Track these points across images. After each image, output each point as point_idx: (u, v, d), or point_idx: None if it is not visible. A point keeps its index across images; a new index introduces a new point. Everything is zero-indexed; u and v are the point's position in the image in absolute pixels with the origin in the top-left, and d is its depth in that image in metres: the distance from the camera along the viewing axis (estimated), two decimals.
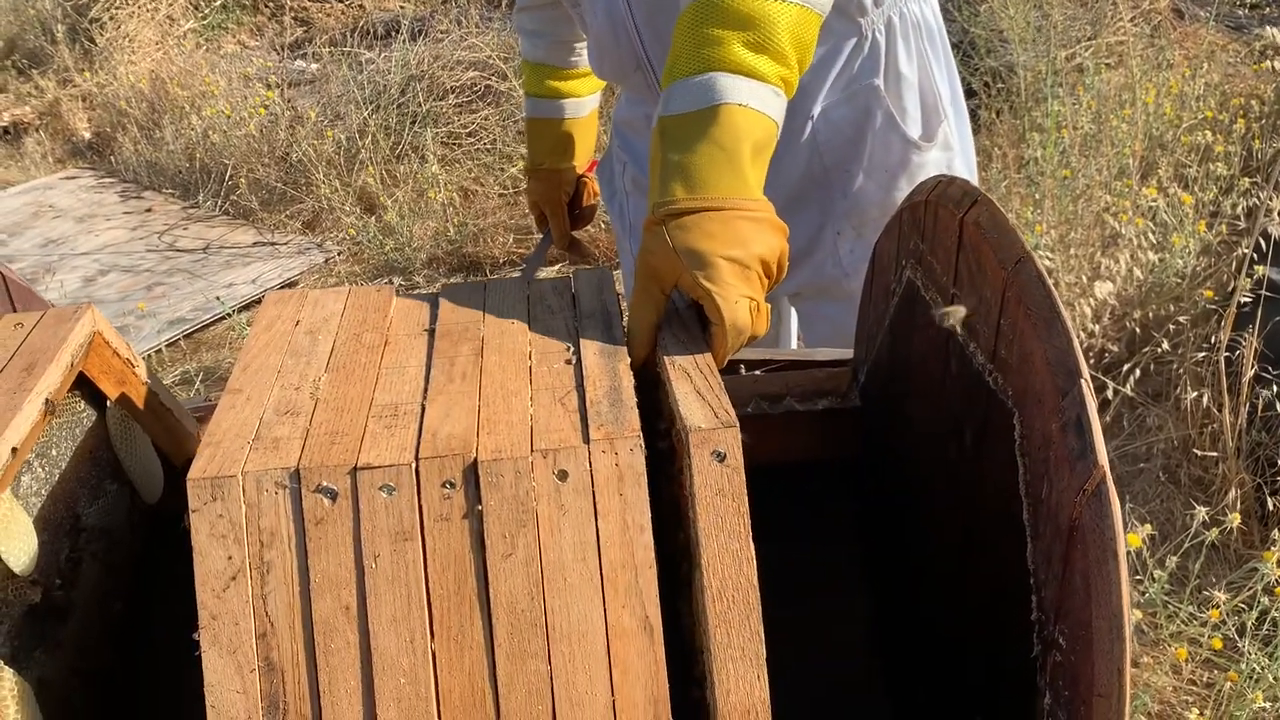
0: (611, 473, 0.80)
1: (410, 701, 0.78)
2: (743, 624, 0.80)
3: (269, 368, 0.92)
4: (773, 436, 1.20)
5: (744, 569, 0.80)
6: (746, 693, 0.79)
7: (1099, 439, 0.72)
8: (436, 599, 0.78)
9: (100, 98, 5.11)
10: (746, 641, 0.79)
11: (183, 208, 4.33)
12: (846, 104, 1.46)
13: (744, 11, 1.01)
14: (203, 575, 0.78)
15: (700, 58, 1.01)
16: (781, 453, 1.19)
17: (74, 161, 4.94)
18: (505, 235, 3.79)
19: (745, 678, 0.79)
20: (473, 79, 4.28)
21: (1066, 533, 0.76)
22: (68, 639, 0.96)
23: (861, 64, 1.43)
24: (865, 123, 1.45)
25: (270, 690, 0.78)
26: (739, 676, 0.79)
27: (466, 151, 4.15)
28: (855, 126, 1.46)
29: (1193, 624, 2.00)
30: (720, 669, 0.79)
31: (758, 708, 0.79)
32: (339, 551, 0.78)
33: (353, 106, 4.31)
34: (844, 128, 1.46)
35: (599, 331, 0.96)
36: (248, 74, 4.83)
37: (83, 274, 3.85)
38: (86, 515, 1.01)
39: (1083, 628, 0.74)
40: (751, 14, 1.01)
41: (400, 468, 0.79)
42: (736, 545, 0.79)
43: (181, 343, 3.43)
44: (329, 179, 4.07)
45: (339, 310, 1.01)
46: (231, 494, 0.78)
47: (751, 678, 0.79)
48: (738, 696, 0.79)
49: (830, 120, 1.46)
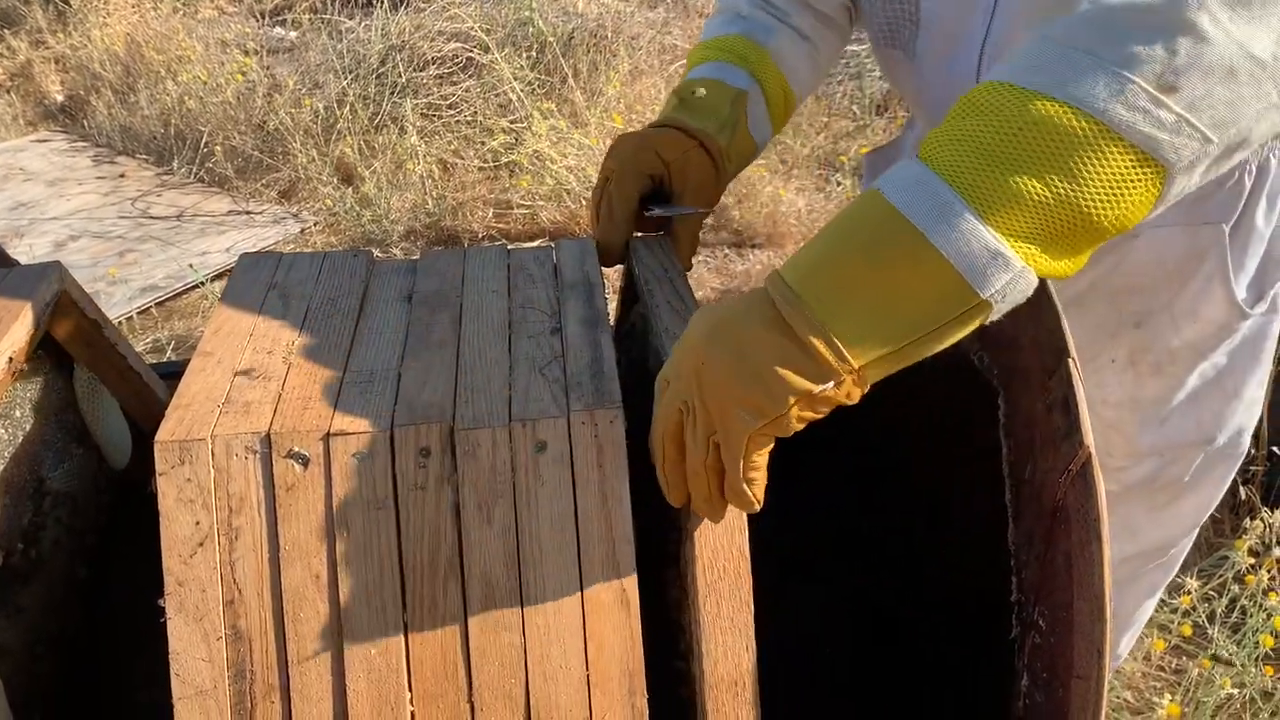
0: (591, 444, 0.79)
1: (381, 672, 0.77)
2: (733, 594, 0.79)
3: (241, 331, 0.90)
4: None
5: (735, 539, 0.79)
6: (734, 664, 0.78)
7: (1086, 419, 0.71)
8: (409, 569, 0.77)
9: (73, 60, 5.02)
10: (735, 612, 0.78)
11: (156, 174, 4.26)
12: (1179, 235, 1.15)
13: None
14: (169, 540, 0.76)
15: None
16: None
17: (46, 124, 4.85)
18: (484, 209, 3.75)
19: (734, 649, 0.78)
20: (454, 50, 4.23)
21: (1050, 513, 0.75)
22: (30, 604, 0.94)
23: (1217, 201, 1.13)
24: (1191, 266, 1.16)
25: (237, 658, 0.76)
26: (727, 647, 0.78)
27: (446, 124, 4.10)
28: (1177, 264, 1.17)
29: (1163, 610, 2.01)
30: (708, 640, 0.78)
31: (745, 679, 0.78)
32: (310, 519, 0.77)
33: (331, 75, 4.25)
34: (1164, 259, 1.16)
35: (581, 302, 0.94)
36: (225, 40, 4.76)
37: (53, 239, 3.79)
38: (51, 479, 0.99)
39: (1063, 609, 0.74)
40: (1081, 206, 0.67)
41: (375, 434, 0.77)
42: (727, 517, 0.77)
43: (153, 310, 3.38)
44: (306, 148, 4.02)
45: (314, 274, 0.98)
46: (200, 458, 0.76)
47: (740, 649, 0.78)
48: (725, 668, 0.78)
49: (1150, 242, 1.16)
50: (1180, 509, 1.33)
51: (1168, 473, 1.28)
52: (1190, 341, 1.20)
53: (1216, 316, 1.18)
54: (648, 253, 1.06)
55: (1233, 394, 1.25)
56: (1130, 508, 1.32)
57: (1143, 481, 1.29)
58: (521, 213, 3.70)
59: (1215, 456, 1.29)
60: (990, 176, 0.66)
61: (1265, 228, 1.17)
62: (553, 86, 4.11)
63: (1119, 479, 1.29)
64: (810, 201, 3.72)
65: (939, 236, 0.66)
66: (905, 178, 0.69)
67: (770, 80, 1.21)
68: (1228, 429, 1.26)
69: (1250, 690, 1.88)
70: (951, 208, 0.66)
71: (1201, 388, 1.23)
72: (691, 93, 1.18)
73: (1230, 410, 1.25)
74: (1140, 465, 1.27)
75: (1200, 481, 1.30)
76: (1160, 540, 1.37)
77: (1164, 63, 0.65)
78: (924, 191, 0.68)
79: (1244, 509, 2.15)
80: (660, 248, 1.08)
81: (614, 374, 0.84)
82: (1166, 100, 0.65)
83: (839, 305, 0.68)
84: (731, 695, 0.78)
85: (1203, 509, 1.35)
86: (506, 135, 3.96)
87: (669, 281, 0.98)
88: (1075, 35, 0.68)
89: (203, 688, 0.76)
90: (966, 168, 0.67)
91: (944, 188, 0.67)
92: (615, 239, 1.10)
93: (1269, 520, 1.93)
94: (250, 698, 0.76)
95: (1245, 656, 1.87)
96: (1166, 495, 1.31)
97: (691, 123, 1.14)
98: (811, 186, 3.85)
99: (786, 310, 0.70)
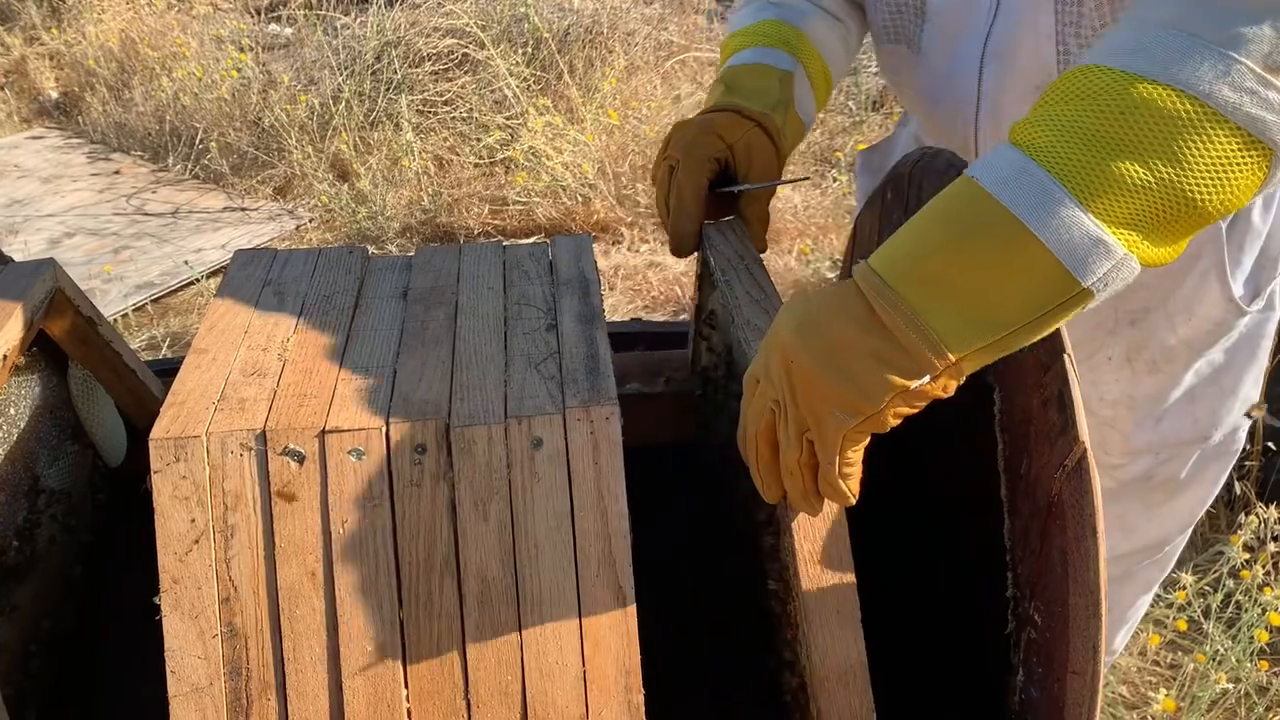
0: (587, 441, 0.79)
1: (376, 670, 0.77)
2: (836, 585, 0.78)
3: (236, 327, 0.90)
4: None
5: (834, 530, 0.78)
6: (844, 654, 0.78)
7: (1081, 414, 0.71)
8: (405, 566, 0.77)
9: (68, 56, 5.01)
10: (842, 603, 0.78)
11: (152, 170, 4.25)
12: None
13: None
14: (164, 538, 0.76)
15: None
16: None
17: (40, 121, 4.84)
18: (480, 206, 3.75)
19: (842, 639, 0.78)
20: (450, 46, 4.23)
21: (1045, 509, 0.75)
22: (25, 602, 0.94)
23: None
24: (1188, 263, 1.16)
25: (233, 656, 0.76)
26: (836, 638, 0.78)
27: (442, 120, 4.10)
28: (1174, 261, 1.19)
29: (1159, 605, 2.01)
30: (815, 632, 0.78)
31: (855, 669, 0.78)
32: (305, 516, 0.76)
33: (327, 72, 4.24)
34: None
35: (577, 298, 0.94)
36: (220, 36, 4.75)
37: (48, 235, 3.78)
38: (46, 476, 0.99)
39: (1059, 604, 0.74)
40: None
41: (370, 431, 0.77)
42: (828, 509, 0.77)
43: (149, 307, 3.38)
44: (301, 145, 4.01)
45: (309, 271, 0.98)
46: (195, 455, 0.76)
47: (849, 639, 0.78)
48: (834, 659, 0.78)
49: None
50: (1176, 506, 1.33)
51: (1164, 470, 1.29)
52: (1187, 339, 1.20)
53: (1213, 314, 1.18)
54: (722, 239, 1.05)
55: (1229, 391, 1.25)
56: (1126, 505, 1.32)
57: (1139, 479, 1.29)
58: (517, 209, 3.70)
59: (1211, 454, 1.29)
60: (1091, 162, 0.65)
61: (1262, 225, 1.17)
62: (548, 83, 4.11)
63: (1115, 476, 1.29)
64: (806, 197, 3.72)
65: (1039, 225, 0.65)
66: (1001, 165, 0.68)
67: (811, 61, 1.21)
68: (1224, 426, 1.27)
69: (1245, 685, 1.89)
70: (1052, 195, 0.65)
71: (1198, 385, 1.23)
72: (738, 78, 1.17)
73: (1226, 408, 1.26)
74: (1136, 462, 1.27)
75: (1196, 479, 1.30)
76: (1156, 537, 1.37)
77: (1272, 42, 0.63)
78: (1023, 179, 0.66)
79: (1239, 504, 2.15)
80: (734, 232, 1.06)
81: (609, 370, 0.84)
82: (1275, 81, 0.63)
83: (935, 298, 0.67)
84: (843, 686, 0.78)
85: (1198, 506, 1.35)
86: (502, 131, 3.95)
87: (746, 270, 0.97)
88: (1176, 16, 0.66)
89: (198, 685, 0.75)
90: (1066, 154, 0.65)
91: (1043, 175, 0.65)
92: (689, 227, 1.08)
93: (1264, 515, 1.93)
94: (246, 695, 0.76)
95: (1240, 651, 1.88)
96: (1162, 493, 1.31)
97: (746, 105, 1.12)
98: (807, 182, 3.85)
99: (879, 304, 0.68)
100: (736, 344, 0.91)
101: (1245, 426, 1.30)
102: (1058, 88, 0.69)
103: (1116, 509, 1.32)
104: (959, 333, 0.67)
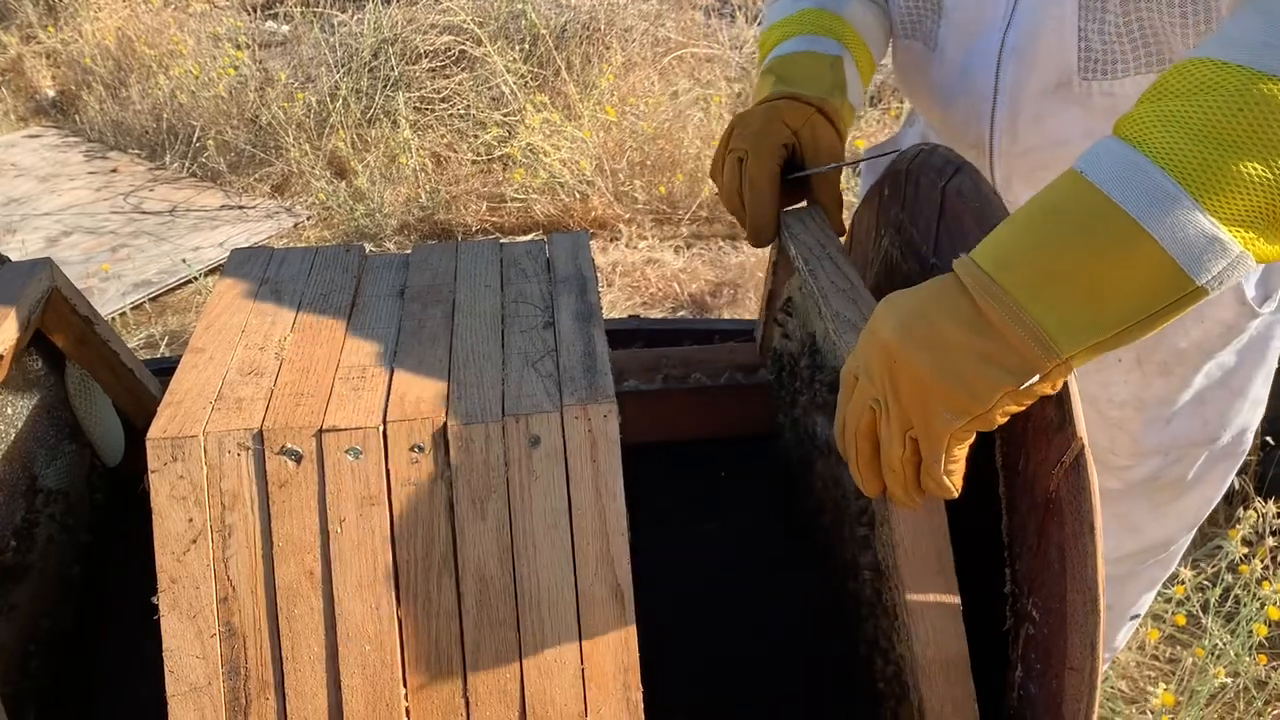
0: (584, 439, 0.79)
1: (375, 669, 0.77)
2: (937, 576, 0.78)
3: (233, 326, 0.90)
4: (750, 407, 1.18)
5: (934, 521, 0.78)
6: (945, 646, 0.78)
7: (1078, 411, 0.71)
8: (403, 565, 0.77)
9: (65, 55, 5.00)
10: (942, 593, 0.78)
11: (149, 169, 4.25)
12: None
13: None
14: (162, 538, 0.76)
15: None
16: (758, 423, 1.18)
17: (37, 120, 4.84)
18: (478, 203, 3.75)
19: (944, 631, 0.78)
20: (447, 43, 4.22)
21: (1043, 505, 0.75)
22: (23, 602, 0.94)
23: None
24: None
25: (231, 655, 0.76)
26: (937, 630, 0.78)
27: (439, 117, 4.09)
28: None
29: (1158, 600, 2.01)
30: (917, 623, 0.78)
31: (956, 660, 0.78)
32: (303, 515, 0.76)
33: (324, 69, 4.24)
34: None
35: (574, 296, 0.94)
36: (217, 33, 4.74)
37: (45, 234, 3.77)
38: (44, 476, 0.98)
39: (1057, 601, 0.74)
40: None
41: (367, 430, 0.77)
42: (926, 501, 0.77)
43: (147, 306, 3.37)
44: (299, 142, 4.01)
45: (306, 270, 0.98)
46: (192, 455, 0.76)
47: (950, 632, 0.78)
48: (936, 649, 0.78)
49: None
50: (1182, 506, 1.33)
51: (1171, 471, 1.29)
52: (1198, 341, 1.19)
53: (1225, 316, 1.18)
54: (801, 227, 1.04)
55: (1239, 393, 1.25)
56: (1132, 505, 1.32)
57: (1146, 480, 1.28)
58: (515, 206, 3.69)
59: (1219, 455, 1.28)
60: (1209, 159, 0.63)
61: None
62: (546, 79, 4.10)
63: (1122, 477, 1.29)
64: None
65: (1154, 222, 0.63)
66: (1112, 161, 0.66)
67: (856, 47, 1.21)
68: (1232, 428, 1.26)
69: (1244, 679, 1.89)
70: (1166, 191, 0.64)
71: (1208, 388, 1.23)
72: (788, 67, 1.16)
73: (1235, 409, 1.25)
74: (1144, 464, 1.27)
75: (1203, 479, 1.30)
76: (1161, 537, 1.37)
77: None
78: (1136, 176, 0.65)
79: (1238, 499, 2.15)
80: (812, 220, 1.06)
81: (607, 368, 0.84)
82: None
83: (1044, 296, 0.66)
84: (944, 676, 0.78)
85: (1204, 506, 1.35)
86: (499, 128, 3.95)
87: (829, 259, 0.97)
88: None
89: (197, 684, 0.75)
90: (1182, 150, 0.64)
91: (1157, 171, 0.64)
92: (768, 215, 1.06)
93: (1262, 510, 1.93)
94: (245, 694, 0.76)
95: (1239, 646, 1.88)
96: (1169, 493, 1.31)
97: (803, 91, 1.11)
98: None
99: (985, 301, 0.67)
100: (823, 334, 0.91)
101: (1254, 427, 1.29)
102: (1170, 83, 0.67)
103: (1122, 508, 1.32)
104: (1069, 332, 0.66)
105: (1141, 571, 1.43)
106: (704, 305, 3.28)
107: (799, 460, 1.07)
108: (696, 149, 3.72)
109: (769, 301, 1.09)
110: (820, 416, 0.98)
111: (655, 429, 1.16)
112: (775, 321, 1.09)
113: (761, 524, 1.17)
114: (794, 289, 1.04)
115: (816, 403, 0.98)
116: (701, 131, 3.79)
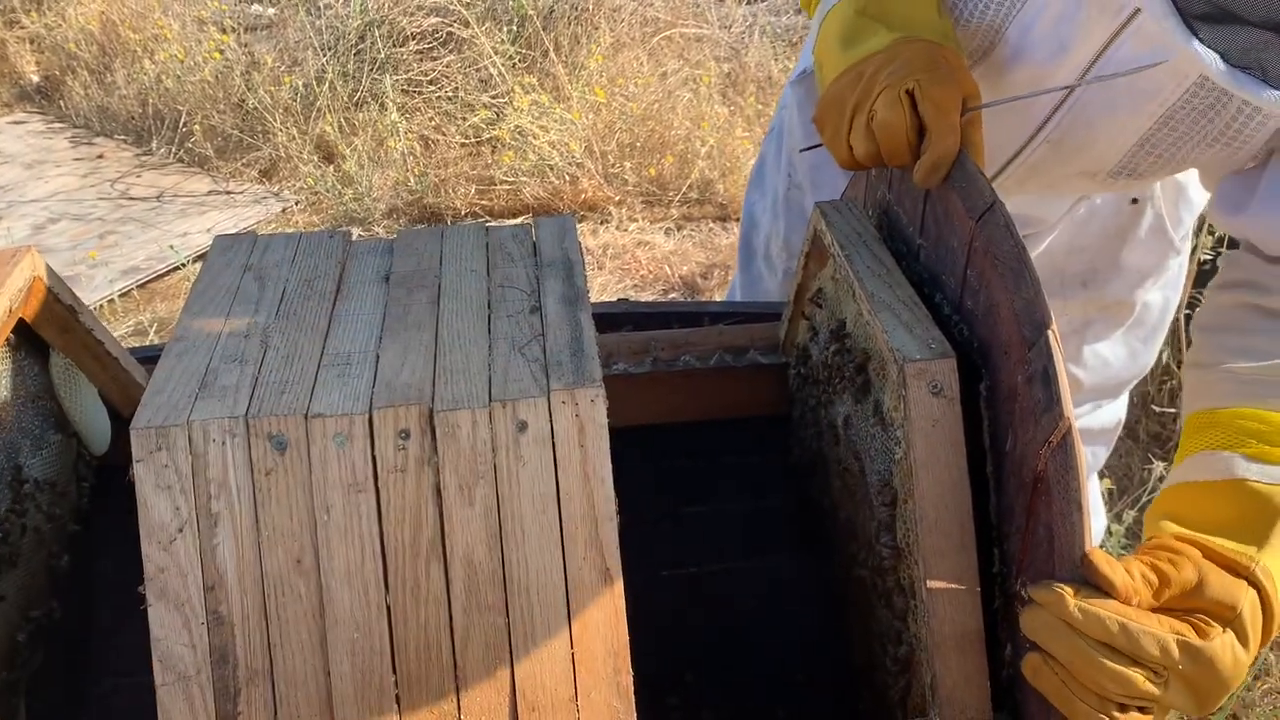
0: (572, 424, 0.78)
1: (364, 655, 0.76)
2: (958, 554, 0.79)
3: (216, 314, 0.89)
4: (739, 389, 1.18)
5: (959, 498, 0.79)
6: (963, 621, 0.78)
7: (1065, 391, 0.71)
8: (391, 551, 0.77)
9: (48, 40, 4.96)
10: (962, 571, 0.78)
11: (135, 155, 4.22)
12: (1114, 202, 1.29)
13: None
14: (148, 527, 0.75)
15: None
16: (747, 405, 1.18)
17: (21, 106, 4.80)
18: (467, 186, 3.73)
19: (962, 606, 0.78)
20: (434, 25, 4.19)
21: (1030, 485, 0.75)
22: (12, 592, 0.94)
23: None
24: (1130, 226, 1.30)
25: (220, 643, 0.76)
26: (954, 606, 0.78)
27: (427, 100, 4.07)
28: (1118, 228, 1.30)
29: None
30: (933, 599, 0.78)
31: (972, 636, 0.78)
32: (290, 503, 0.76)
33: (310, 52, 4.20)
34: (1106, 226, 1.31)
35: (560, 280, 0.94)
36: (202, 17, 4.70)
37: (32, 221, 3.75)
38: (30, 466, 0.98)
39: (1045, 579, 0.74)
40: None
41: (353, 417, 0.76)
42: (951, 476, 0.78)
43: (135, 293, 3.36)
44: (286, 127, 3.98)
45: (290, 256, 0.98)
46: (177, 443, 0.75)
47: (966, 608, 0.78)
48: (952, 626, 0.78)
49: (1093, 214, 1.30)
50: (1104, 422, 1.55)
51: (1104, 410, 1.47)
52: (1131, 286, 1.33)
53: (1153, 262, 1.32)
54: (838, 216, 1.03)
55: (1160, 325, 1.42)
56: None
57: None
58: (504, 189, 3.68)
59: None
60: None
61: (1186, 177, 1.27)
62: (534, 61, 4.08)
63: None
64: None
65: None
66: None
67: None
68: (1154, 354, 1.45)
69: None
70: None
71: (1138, 325, 1.39)
72: (894, 12, 1.03)
73: (1159, 339, 1.43)
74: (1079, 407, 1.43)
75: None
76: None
77: None
78: None
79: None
80: (850, 210, 1.05)
81: (594, 352, 0.83)
82: None
83: None
84: (959, 653, 0.78)
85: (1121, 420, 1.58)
86: (488, 111, 3.93)
87: (864, 245, 0.97)
88: None
89: (185, 673, 0.75)
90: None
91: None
92: (956, 144, 0.92)
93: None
94: (234, 682, 0.76)
95: None
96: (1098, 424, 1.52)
97: (926, 35, 1.00)
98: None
99: None
100: (855, 316, 0.92)
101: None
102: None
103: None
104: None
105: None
106: (695, 287, 3.28)
107: (815, 450, 1.07)
108: (686, 130, 3.71)
109: (797, 295, 1.09)
110: (841, 403, 0.98)
111: (644, 412, 1.16)
112: (803, 315, 1.09)
113: (754, 507, 1.17)
114: (826, 279, 1.04)
115: (839, 388, 0.98)
116: (691, 112, 3.77)
